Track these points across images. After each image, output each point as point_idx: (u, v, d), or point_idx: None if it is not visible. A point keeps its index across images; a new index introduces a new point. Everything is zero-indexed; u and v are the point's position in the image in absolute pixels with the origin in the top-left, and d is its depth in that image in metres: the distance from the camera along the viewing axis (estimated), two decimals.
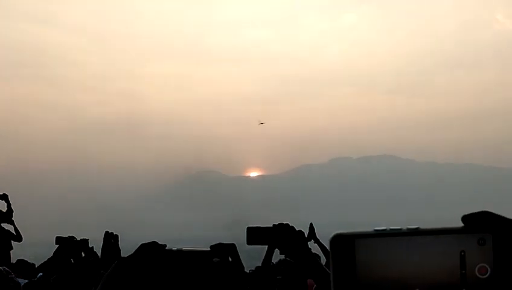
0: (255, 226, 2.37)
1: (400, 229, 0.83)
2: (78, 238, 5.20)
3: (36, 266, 6.23)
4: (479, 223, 0.82)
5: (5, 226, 8.32)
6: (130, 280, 1.40)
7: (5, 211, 8.36)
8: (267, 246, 3.72)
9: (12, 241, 8.34)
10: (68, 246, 5.00)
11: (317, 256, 4.58)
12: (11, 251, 8.11)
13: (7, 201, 8.40)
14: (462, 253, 0.81)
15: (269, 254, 3.83)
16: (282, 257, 4.66)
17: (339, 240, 0.83)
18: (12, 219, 8.40)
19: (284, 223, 2.19)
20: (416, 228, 0.83)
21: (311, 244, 5.08)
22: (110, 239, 1.46)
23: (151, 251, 1.42)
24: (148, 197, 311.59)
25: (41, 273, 5.55)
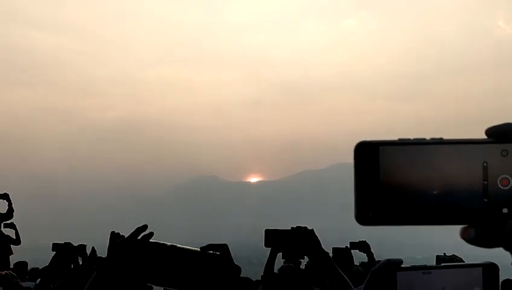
0: (273, 228, 2.40)
1: (424, 139, 0.83)
2: (76, 244, 5.15)
3: (40, 269, 6.22)
4: (503, 134, 0.80)
5: (5, 231, 8.27)
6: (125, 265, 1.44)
7: (5, 211, 8.29)
8: (269, 251, 3.69)
9: (12, 245, 8.29)
10: (65, 253, 4.95)
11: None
12: (10, 256, 8.05)
13: (8, 200, 8.31)
14: (485, 164, 0.81)
15: (272, 258, 3.77)
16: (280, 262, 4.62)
17: (363, 147, 0.84)
18: (14, 223, 8.35)
19: (302, 226, 2.24)
20: (440, 138, 0.83)
21: None
22: (116, 239, 1.44)
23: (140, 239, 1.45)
24: (148, 202, 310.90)
25: (40, 279, 5.52)
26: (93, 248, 5.71)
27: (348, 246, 5.69)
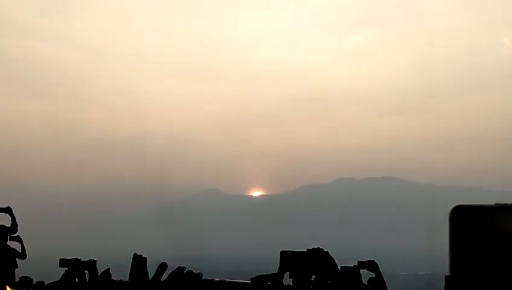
0: (288, 250, 2.44)
1: None
2: (85, 259, 5.26)
3: (46, 284, 6.31)
4: None
5: (11, 244, 8.33)
6: None
7: (9, 225, 8.30)
8: (277, 270, 3.74)
9: (17, 259, 8.35)
10: (74, 268, 5.05)
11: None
12: (15, 270, 8.11)
13: (11, 214, 8.29)
14: None
15: (279, 278, 3.82)
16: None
17: (459, 211, 0.84)
18: (20, 236, 8.40)
19: (319, 247, 2.29)
20: None
21: None
22: (138, 262, 1.47)
23: (186, 279, 1.41)
24: (150, 216, 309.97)
25: None
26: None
27: (356, 264, 5.72)
